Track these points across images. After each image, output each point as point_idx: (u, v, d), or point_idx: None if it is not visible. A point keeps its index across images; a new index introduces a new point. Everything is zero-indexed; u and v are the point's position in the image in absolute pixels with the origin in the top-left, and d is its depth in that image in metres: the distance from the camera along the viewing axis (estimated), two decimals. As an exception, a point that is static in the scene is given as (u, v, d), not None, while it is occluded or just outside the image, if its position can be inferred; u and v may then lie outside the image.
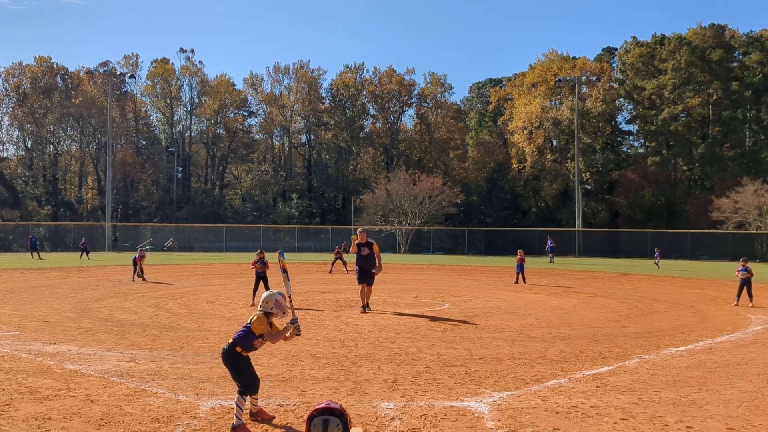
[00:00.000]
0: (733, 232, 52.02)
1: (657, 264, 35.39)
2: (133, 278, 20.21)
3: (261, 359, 7.73)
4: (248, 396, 5.09)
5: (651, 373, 7.27)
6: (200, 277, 22.74)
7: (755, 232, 51.81)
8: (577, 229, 57.58)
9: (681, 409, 5.67)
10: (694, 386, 6.59)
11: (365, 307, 13.03)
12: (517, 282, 21.13)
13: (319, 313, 12.66)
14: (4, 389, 6.04)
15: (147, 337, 9.37)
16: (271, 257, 14.04)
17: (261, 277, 14.46)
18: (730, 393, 6.32)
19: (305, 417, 5.19)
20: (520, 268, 21.30)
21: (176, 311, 12.53)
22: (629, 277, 26.83)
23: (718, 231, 53.20)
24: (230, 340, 5.13)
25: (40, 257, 36.83)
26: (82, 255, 37.15)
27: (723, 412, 5.59)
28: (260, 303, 5.23)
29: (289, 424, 5.09)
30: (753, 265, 15.98)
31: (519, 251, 21.81)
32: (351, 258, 28.68)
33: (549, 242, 40.88)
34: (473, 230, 63.72)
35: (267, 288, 14.21)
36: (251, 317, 5.19)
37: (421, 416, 5.33)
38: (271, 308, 5.17)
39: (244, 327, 5.15)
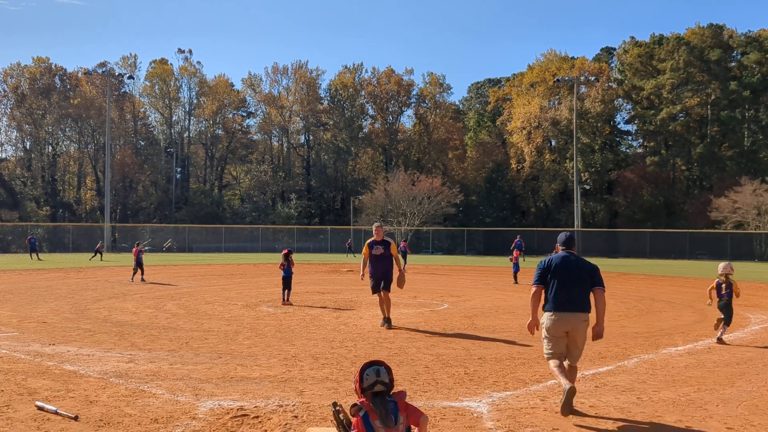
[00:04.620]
0: (731, 232, 52.08)
1: None
2: (132, 279, 20.20)
3: (260, 360, 7.73)
4: None
5: (650, 372, 7.27)
6: (199, 278, 22.73)
7: (754, 231, 51.87)
8: (576, 229, 57.61)
9: (680, 409, 5.68)
10: (693, 386, 6.59)
11: (387, 321, 10.68)
12: (516, 282, 21.11)
13: (318, 313, 12.65)
14: (3, 390, 6.03)
15: (146, 337, 9.36)
16: (276, 258, 13.99)
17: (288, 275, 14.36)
18: (729, 392, 6.32)
19: (299, 426, 5.22)
20: (517, 267, 21.35)
21: (175, 312, 12.52)
22: (628, 276, 26.85)
23: (716, 231, 53.27)
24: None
25: (39, 258, 36.80)
26: (94, 256, 37.01)
27: (722, 412, 5.60)
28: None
29: (288, 425, 5.08)
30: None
31: (515, 251, 22.07)
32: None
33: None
34: (472, 230, 63.75)
35: (286, 286, 14.14)
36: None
37: (420, 416, 5.32)
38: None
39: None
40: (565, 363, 5.61)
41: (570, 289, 5.58)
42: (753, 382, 6.80)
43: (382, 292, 10.61)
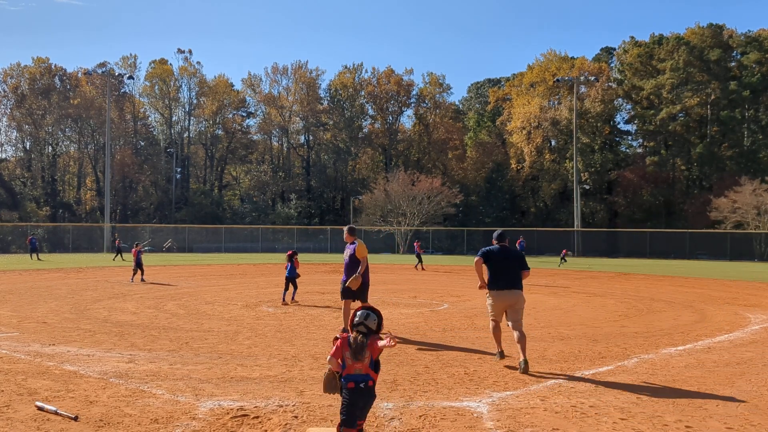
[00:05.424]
0: (731, 232, 52.09)
1: (564, 259, 38.21)
2: (132, 279, 20.19)
3: (260, 360, 7.74)
4: None
5: (650, 372, 7.27)
6: (199, 278, 22.72)
7: (754, 231, 51.87)
8: (575, 229, 57.66)
9: (680, 409, 5.68)
10: (693, 386, 6.59)
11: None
12: None
13: (318, 313, 12.65)
14: (3, 390, 6.03)
15: (146, 338, 9.36)
16: (280, 258, 13.95)
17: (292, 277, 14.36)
18: (729, 392, 6.33)
19: (299, 426, 5.22)
20: None
21: (175, 312, 12.52)
22: (628, 276, 26.85)
23: (716, 231, 53.27)
24: None
25: (39, 258, 36.78)
26: (116, 256, 36.88)
27: (722, 412, 5.60)
28: None
29: (288, 425, 5.08)
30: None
31: None
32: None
33: (521, 243, 31.89)
34: (472, 230, 63.74)
35: (288, 287, 14.19)
36: None
37: (420, 416, 5.33)
38: None
39: None
40: (515, 334, 7.37)
41: (507, 273, 7.53)
42: (753, 382, 6.80)
43: (353, 301, 9.37)
